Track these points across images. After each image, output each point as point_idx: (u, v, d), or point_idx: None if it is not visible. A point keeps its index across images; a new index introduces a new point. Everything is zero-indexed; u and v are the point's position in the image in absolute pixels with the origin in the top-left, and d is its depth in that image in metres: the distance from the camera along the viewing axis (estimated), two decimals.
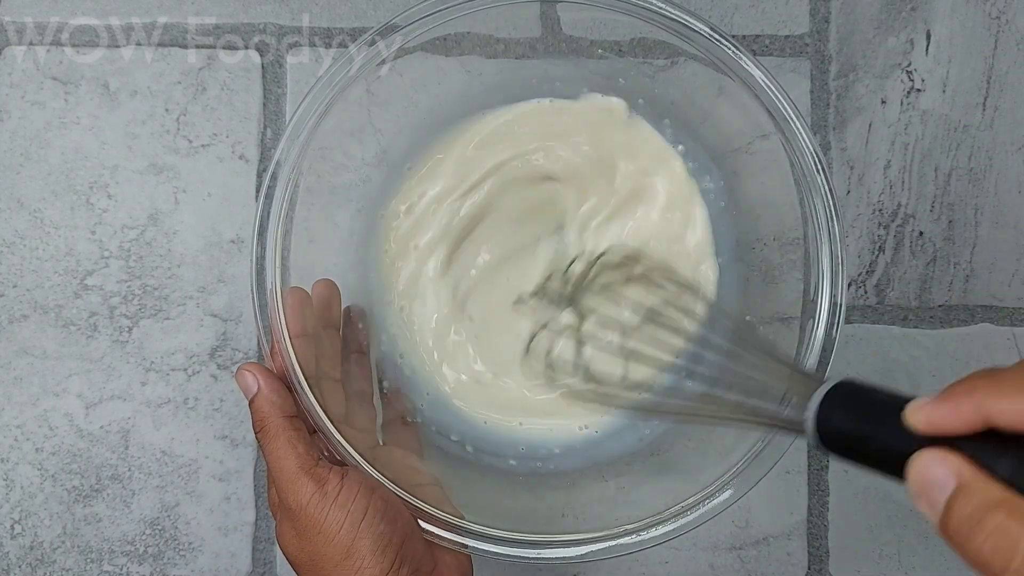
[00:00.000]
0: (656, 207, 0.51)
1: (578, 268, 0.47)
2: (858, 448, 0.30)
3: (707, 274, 0.51)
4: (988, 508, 0.26)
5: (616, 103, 0.50)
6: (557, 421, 0.51)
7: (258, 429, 0.41)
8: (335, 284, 0.48)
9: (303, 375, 0.42)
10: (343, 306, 0.49)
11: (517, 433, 0.51)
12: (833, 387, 0.31)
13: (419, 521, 0.42)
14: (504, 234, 0.52)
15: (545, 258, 0.52)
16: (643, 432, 0.50)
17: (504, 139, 0.51)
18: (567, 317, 0.47)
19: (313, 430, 0.43)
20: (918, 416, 0.28)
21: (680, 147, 0.50)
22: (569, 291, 0.46)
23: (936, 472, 0.27)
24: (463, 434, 0.51)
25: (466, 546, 0.42)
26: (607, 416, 0.51)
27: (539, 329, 0.48)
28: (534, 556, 0.42)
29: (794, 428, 0.32)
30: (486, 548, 0.42)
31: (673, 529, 0.42)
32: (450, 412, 0.52)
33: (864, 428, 0.30)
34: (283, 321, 0.43)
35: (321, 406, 0.42)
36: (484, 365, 0.52)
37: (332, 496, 0.39)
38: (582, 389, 0.46)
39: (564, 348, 0.48)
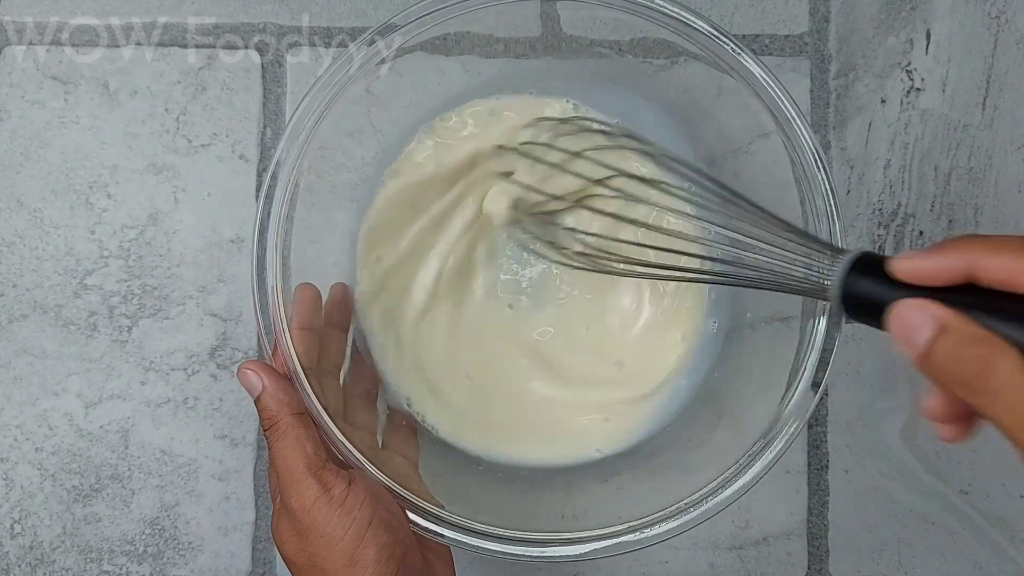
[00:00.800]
0: None
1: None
2: (873, 310, 0.33)
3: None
4: (969, 343, 0.30)
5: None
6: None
7: (267, 427, 0.41)
8: (351, 289, 0.48)
9: (300, 365, 0.42)
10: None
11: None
12: (857, 257, 0.34)
13: (422, 521, 0.42)
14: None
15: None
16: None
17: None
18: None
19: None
20: (903, 266, 0.32)
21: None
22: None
23: (915, 317, 0.31)
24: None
25: (465, 544, 0.42)
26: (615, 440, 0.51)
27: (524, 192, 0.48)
28: (537, 554, 0.42)
29: (817, 294, 0.36)
30: (491, 547, 0.42)
31: (675, 527, 0.42)
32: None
33: (875, 293, 0.33)
34: (283, 316, 0.43)
35: (319, 400, 0.42)
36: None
37: (338, 502, 0.39)
38: (592, 256, 0.46)
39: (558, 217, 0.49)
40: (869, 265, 0.34)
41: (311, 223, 0.46)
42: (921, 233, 0.54)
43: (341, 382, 0.47)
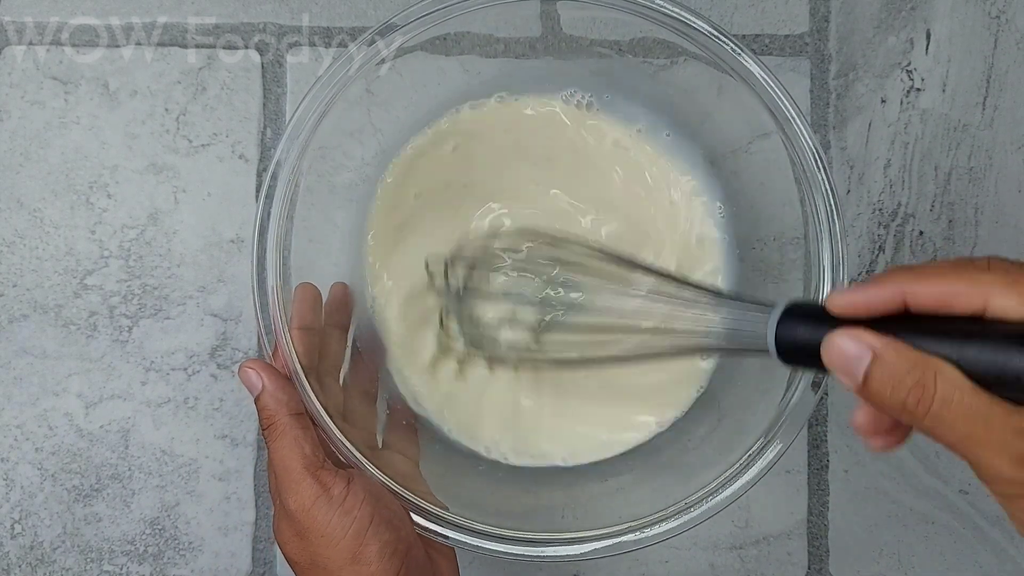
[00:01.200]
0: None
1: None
2: (810, 353, 0.33)
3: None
4: (905, 370, 0.30)
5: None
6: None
7: (265, 426, 0.41)
8: (350, 289, 0.48)
9: (300, 365, 0.42)
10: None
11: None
12: (786, 309, 0.34)
13: (423, 521, 0.42)
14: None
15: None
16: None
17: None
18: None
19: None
20: (838, 301, 0.32)
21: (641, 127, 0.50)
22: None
23: (850, 347, 0.31)
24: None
25: (466, 544, 0.42)
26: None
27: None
28: (537, 554, 0.42)
29: (756, 348, 0.36)
30: (491, 547, 0.42)
31: (675, 527, 0.42)
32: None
33: (811, 336, 0.33)
34: (283, 316, 0.43)
35: (319, 400, 0.42)
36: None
37: (338, 501, 0.39)
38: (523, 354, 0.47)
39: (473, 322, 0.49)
40: (801, 312, 0.34)
41: (311, 223, 0.46)
42: (921, 233, 0.54)
43: (341, 382, 0.47)
